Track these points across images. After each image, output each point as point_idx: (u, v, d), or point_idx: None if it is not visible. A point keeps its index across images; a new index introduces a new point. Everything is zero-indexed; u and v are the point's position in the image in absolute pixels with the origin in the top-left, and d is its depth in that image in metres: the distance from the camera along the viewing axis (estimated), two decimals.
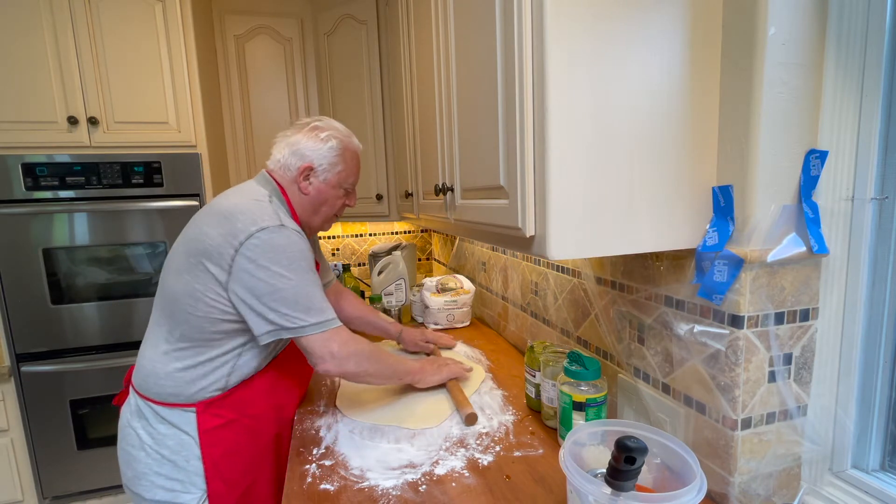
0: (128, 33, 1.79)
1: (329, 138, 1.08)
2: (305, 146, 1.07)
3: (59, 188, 1.79)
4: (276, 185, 1.07)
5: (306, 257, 0.97)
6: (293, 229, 0.97)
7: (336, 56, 2.15)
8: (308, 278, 0.97)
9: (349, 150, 1.12)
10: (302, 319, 0.95)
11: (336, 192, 1.12)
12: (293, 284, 0.94)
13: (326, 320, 0.98)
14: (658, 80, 0.70)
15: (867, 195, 0.72)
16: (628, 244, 0.73)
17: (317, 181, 1.09)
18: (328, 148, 1.08)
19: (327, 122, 1.12)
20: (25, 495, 1.90)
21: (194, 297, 0.96)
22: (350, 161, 1.12)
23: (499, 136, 0.79)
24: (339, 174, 1.10)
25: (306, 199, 1.10)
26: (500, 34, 0.76)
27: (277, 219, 0.96)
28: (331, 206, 1.13)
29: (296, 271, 0.94)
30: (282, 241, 0.94)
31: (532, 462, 0.91)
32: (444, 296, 1.77)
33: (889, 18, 0.67)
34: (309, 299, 0.96)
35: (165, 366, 1.00)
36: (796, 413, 0.77)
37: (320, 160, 1.07)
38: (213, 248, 0.94)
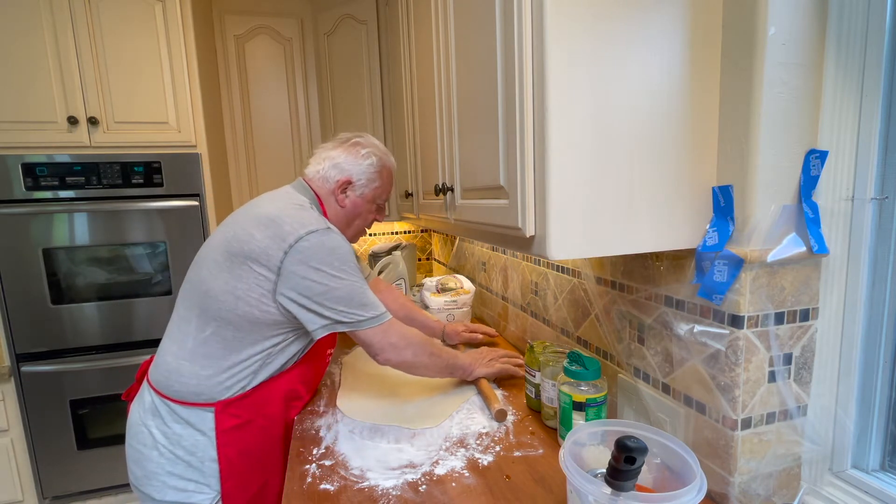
0: (128, 33, 1.79)
1: (369, 155, 1.13)
2: (346, 161, 1.12)
3: (59, 188, 1.79)
4: (315, 194, 1.12)
5: (353, 259, 1.02)
6: (339, 234, 1.01)
7: (336, 56, 2.15)
8: (359, 276, 1.01)
9: (386, 168, 1.17)
10: (359, 315, 0.99)
11: (370, 206, 1.17)
12: (347, 283, 0.98)
13: (381, 314, 1.02)
14: (658, 79, 0.70)
15: (867, 195, 0.72)
16: (628, 244, 0.73)
17: (353, 195, 1.13)
18: (368, 164, 1.13)
19: (367, 139, 1.17)
20: (25, 495, 1.90)
21: (235, 296, 0.97)
22: (386, 178, 1.17)
23: (499, 136, 0.79)
24: (376, 190, 1.15)
25: (342, 211, 1.14)
26: (500, 34, 0.76)
27: (324, 222, 1.00)
28: (364, 219, 1.18)
29: (347, 271, 0.98)
30: (332, 243, 0.97)
31: (532, 462, 0.91)
32: (444, 296, 1.77)
33: (889, 18, 0.67)
34: (363, 296, 1.00)
35: (192, 364, 1.00)
36: (796, 413, 0.77)
37: (359, 175, 1.12)
38: (261, 250, 0.95)
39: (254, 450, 1.05)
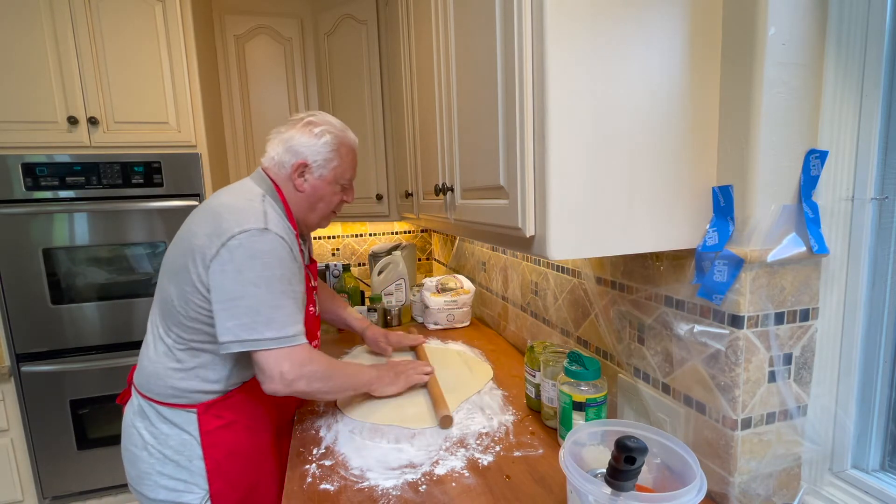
0: (128, 33, 1.79)
1: (323, 133, 1.05)
2: (299, 142, 1.04)
3: (59, 188, 1.79)
4: (272, 183, 1.05)
5: (284, 265, 0.94)
6: (276, 234, 0.93)
7: (336, 56, 2.15)
8: (279, 289, 0.92)
9: (345, 145, 1.09)
10: (259, 332, 0.90)
11: (332, 188, 1.09)
12: (260, 294, 0.90)
13: (286, 336, 0.92)
14: (658, 80, 0.70)
15: (867, 195, 0.72)
16: (628, 244, 0.73)
17: (312, 178, 1.06)
18: (322, 143, 1.05)
19: (322, 116, 1.09)
20: (25, 495, 1.90)
21: (184, 300, 0.95)
22: (346, 156, 1.09)
23: (499, 136, 0.79)
24: (335, 170, 1.08)
25: (302, 196, 1.07)
26: (500, 34, 0.76)
27: (262, 221, 0.93)
28: (327, 202, 1.10)
29: (267, 280, 0.91)
30: (260, 245, 0.91)
31: (532, 462, 0.91)
32: (444, 296, 1.77)
33: (889, 18, 0.67)
34: (273, 311, 0.91)
35: (165, 368, 1.00)
36: (796, 413, 0.77)
37: (315, 156, 1.05)
38: (199, 247, 0.92)
39: (241, 451, 1.04)
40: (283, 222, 0.99)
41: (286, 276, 0.94)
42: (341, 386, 1.04)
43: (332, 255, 2.72)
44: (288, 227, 1.00)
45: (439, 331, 1.77)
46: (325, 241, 2.70)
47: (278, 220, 0.97)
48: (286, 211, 1.05)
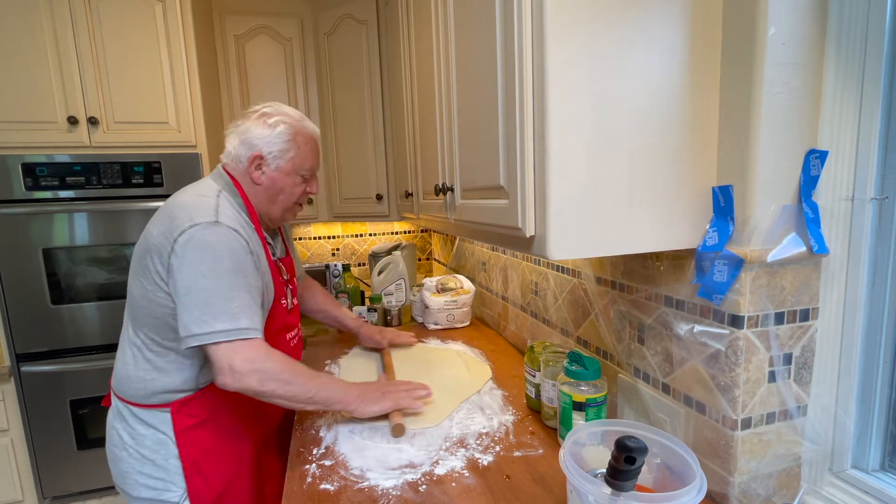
0: (128, 33, 1.79)
1: (277, 123, 1.03)
2: (254, 134, 1.02)
3: (59, 188, 1.79)
4: (229, 179, 1.04)
5: (237, 258, 0.92)
6: (229, 227, 0.92)
7: (336, 56, 2.15)
8: (230, 281, 0.90)
9: (301, 135, 1.06)
10: (210, 325, 0.88)
11: (291, 179, 1.06)
12: (210, 286, 0.89)
13: (237, 328, 0.89)
14: (658, 80, 0.70)
15: (867, 195, 0.72)
16: (628, 244, 0.73)
17: (269, 170, 1.04)
18: (277, 134, 1.03)
19: (277, 107, 1.07)
20: (25, 495, 1.90)
21: (147, 299, 0.96)
22: (303, 146, 1.06)
23: (499, 136, 0.79)
24: (293, 160, 1.05)
25: (260, 189, 1.05)
26: (499, 34, 0.76)
27: (213, 215, 0.92)
28: (288, 194, 1.07)
29: (217, 272, 0.89)
30: (210, 238, 0.90)
31: (532, 462, 0.91)
32: (444, 296, 1.77)
33: (889, 19, 0.67)
34: (224, 303, 0.89)
35: (136, 369, 1.01)
36: (796, 413, 0.77)
37: (269, 147, 1.03)
38: (155, 246, 0.93)
39: (217, 448, 1.04)
40: (238, 216, 0.98)
41: (239, 269, 0.92)
42: (304, 394, 0.95)
43: (332, 255, 2.72)
44: (245, 222, 1.00)
45: (439, 331, 1.77)
46: (325, 241, 2.70)
47: (232, 213, 0.97)
48: (246, 205, 1.04)
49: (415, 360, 1.45)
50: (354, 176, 2.21)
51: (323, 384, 0.99)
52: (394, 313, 1.91)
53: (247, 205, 1.04)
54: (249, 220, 1.03)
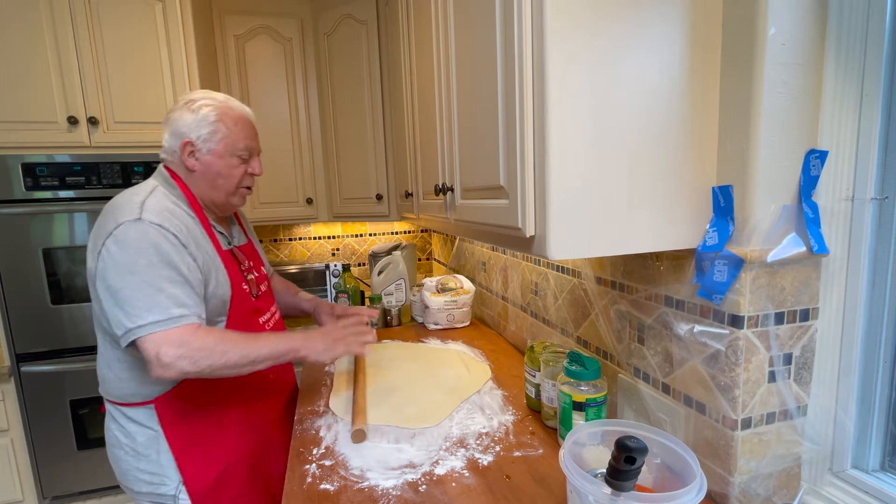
0: (128, 33, 1.79)
1: (201, 107, 1.02)
2: (181, 122, 1.02)
3: (59, 188, 1.79)
4: (167, 173, 1.05)
5: (162, 251, 0.92)
6: (151, 222, 0.92)
7: (336, 56, 2.15)
8: (156, 273, 0.91)
9: (229, 116, 1.05)
10: (142, 318, 0.89)
11: (227, 161, 1.05)
12: (136, 281, 0.89)
13: (169, 318, 0.90)
14: (658, 80, 0.70)
15: (867, 195, 0.72)
16: (628, 244, 0.73)
17: (201, 154, 1.03)
18: (202, 117, 1.02)
19: (201, 92, 1.07)
20: (25, 495, 1.90)
21: (99, 303, 0.96)
22: (233, 126, 1.05)
23: (499, 136, 0.79)
24: (224, 141, 1.04)
25: (197, 176, 1.05)
26: (500, 34, 0.76)
27: (137, 212, 0.93)
28: (228, 177, 1.06)
29: (142, 267, 0.90)
30: (133, 234, 0.91)
31: (532, 462, 0.91)
32: (444, 296, 1.77)
33: (889, 19, 0.67)
34: (152, 295, 0.90)
35: (111, 370, 1.02)
36: (796, 413, 0.77)
37: (197, 131, 1.02)
38: (91, 250, 0.95)
39: (206, 437, 1.06)
40: (175, 209, 0.98)
41: (165, 261, 0.92)
42: (245, 358, 0.95)
43: (332, 255, 2.72)
44: (184, 213, 1.00)
45: (439, 331, 1.77)
46: (326, 241, 2.70)
47: (160, 208, 0.96)
48: (186, 196, 1.04)
49: (415, 360, 1.45)
50: (354, 176, 2.21)
51: (263, 342, 0.99)
52: (394, 313, 1.91)
53: (187, 195, 1.04)
54: (191, 211, 1.03)
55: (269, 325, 1.18)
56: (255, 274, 1.18)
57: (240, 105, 1.09)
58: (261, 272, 1.22)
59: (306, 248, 2.69)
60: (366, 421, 1.04)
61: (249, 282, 1.13)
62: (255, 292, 1.15)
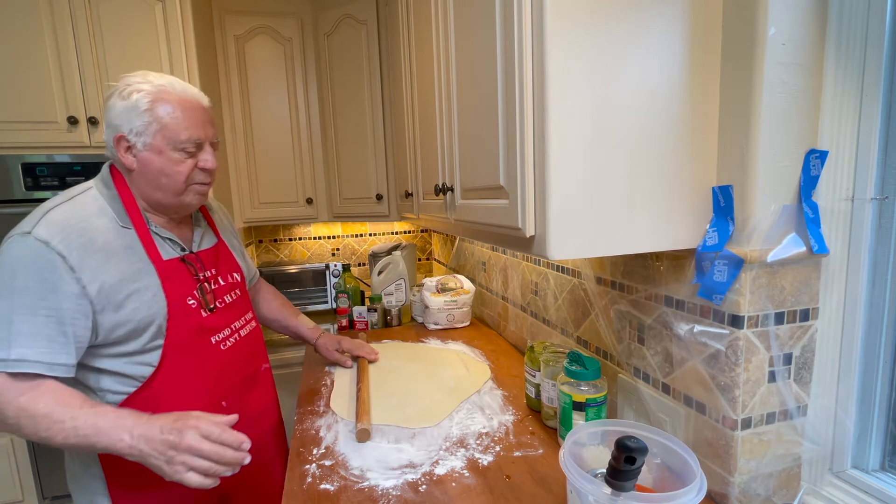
0: (128, 33, 1.79)
1: (132, 94, 0.85)
2: (113, 112, 0.87)
3: (59, 188, 1.79)
4: (108, 170, 0.92)
5: (35, 275, 0.78)
6: (38, 238, 0.79)
7: (336, 56, 2.15)
8: (18, 301, 0.77)
9: (164, 102, 0.87)
10: None
11: (168, 156, 0.88)
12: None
13: (7, 360, 0.76)
14: (658, 80, 0.70)
15: (867, 195, 0.72)
16: (628, 244, 0.73)
17: (137, 150, 0.88)
18: (132, 106, 0.85)
19: (141, 74, 0.89)
20: (25, 495, 1.90)
21: None
22: (171, 114, 0.87)
23: (499, 136, 0.79)
24: (161, 133, 0.87)
25: (136, 175, 0.90)
26: (500, 34, 0.76)
27: (32, 224, 0.81)
28: (172, 175, 0.89)
29: (6, 291, 0.78)
30: (11, 252, 0.79)
31: (532, 462, 0.91)
32: (444, 296, 1.77)
33: (889, 19, 0.67)
34: (4, 327, 0.77)
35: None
36: (796, 413, 0.77)
37: (129, 123, 0.86)
38: None
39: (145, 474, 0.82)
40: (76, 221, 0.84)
41: (35, 290, 0.78)
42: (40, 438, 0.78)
43: (332, 255, 2.72)
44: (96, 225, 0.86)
45: (439, 331, 1.77)
46: (326, 241, 2.70)
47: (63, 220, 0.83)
48: (122, 197, 0.90)
49: (415, 360, 1.46)
50: (354, 176, 2.21)
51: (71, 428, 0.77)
52: (394, 313, 1.91)
53: (123, 198, 0.90)
54: (123, 218, 0.89)
55: (227, 343, 1.00)
56: (219, 283, 1.02)
57: (182, 87, 0.91)
58: (230, 279, 1.06)
59: (306, 248, 2.69)
60: (370, 420, 1.04)
61: (204, 293, 0.97)
62: (212, 305, 0.98)
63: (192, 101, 0.91)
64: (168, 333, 0.90)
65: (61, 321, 0.79)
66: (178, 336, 0.91)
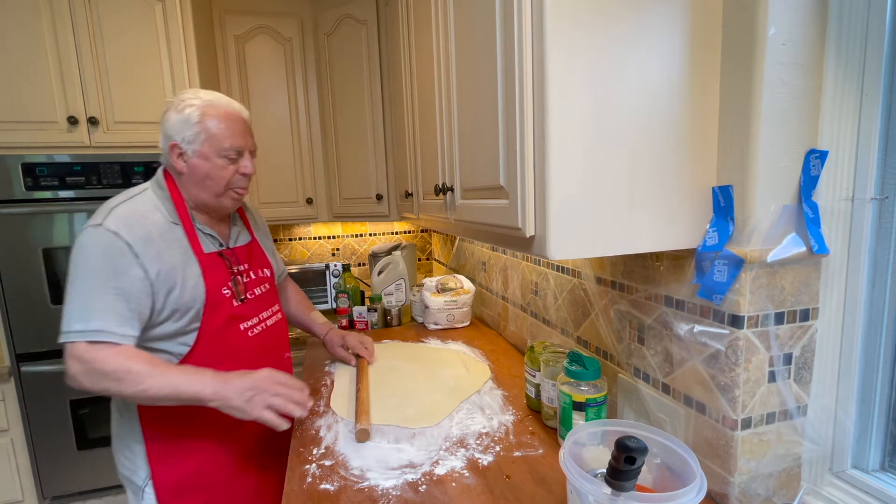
0: (128, 33, 1.79)
1: (185, 108, 1.01)
2: (168, 124, 1.02)
3: (59, 188, 1.79)
4: (162, 175, 1.06)
5: (109, 260, 0.92)
6: (108, 229, 0.93)
7: (336, 56, 2.15)
8: (94, 283, 0.91)
9: (211, 116, 1.02)
10: (68, 324, 0.91)
11: (213, 162, 1.02)
12: (75, 287, 0.92)
13: (87, 330, 0.90)
14: (658, 80, 0.70)
15: (867, 195, 0.72)
16: (628, 244, 0.73)
17: (188, 157, 1.02)
18: (184, 118, 1.01)
19: (190, 91, 1.05)
20: (25, 495, 1.90)
21: None
22: (217, 126, 1.02)
23: (499, 136, 0.79)
24: (208, 143, 1.01)
25: (185, 178, 1.04)
26: (499, 34, 0.76)
27: (102, 217, 0.94)
28: (216, 178, 1.03)
29: (83, 275, 0.92)
30: (86, 240, 0.93)
31: (532, 462, 0.91)
32: (444, 296, 1.77)
33: (889, 19, 0.67)
34: (83, 304, 0.91)
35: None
36: (796, 413, 0.77)
37: (182, 133, 1.01)
38: None
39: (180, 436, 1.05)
40: (139, 216, 0.97)
41: (104, 271, 0.92)
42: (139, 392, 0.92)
43: (332, 255, 2.72)
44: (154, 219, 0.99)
45: (439, 331, 1.77)
46: (325, 241, 2.70)
47: (128, 214, 0.96)
48: (173, 199, 1.03)
49: (415, 360, 1.45)
50: (354, 176, 2.21)
51: (169, 382, 0.93)
52: (394, 313, 1.91)
53: (173, 198, 1.03)
54: (174, 215, 1.02)
55: (254, 331, 1.13)
56: (251, 276, 1.15)
57: (227, 102, 1.05)
58: (260, 274, 1.19)
59: (306, 248, 2.69)
60: (370, 420, 1.04)
61: (238, 285, 1.10)
62: (243, 296, 1.11)
63: (234, 114, 1.05)
64: (203, 318, 1.03)
65: (128, 299, 0.93)
66: (211, 320, 1.04)
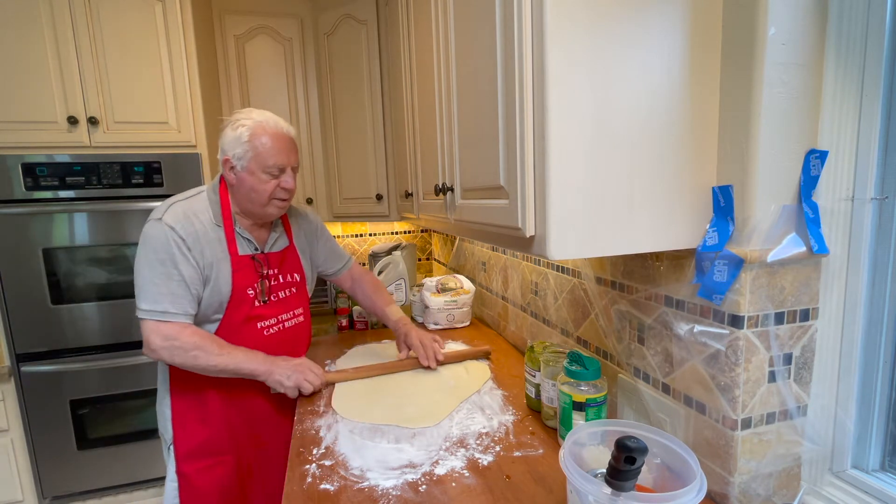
0: (128, 33, 1.79)
1: (238, 127, 1.13)
2: (224, 140, 1.14)
3: (59, 188, 1.79)
4: (218, 181, 1.20)
5: (167, 250, 1.09)
6: (166, 223, 1.09)
7: (336, 56, 2.15)
8: (158, 270, 1.08)
9: (260, 136, 1.13)
10: (140, 303, 1.09)
11: (258, 177, 1.14)
12: (142, 271, 1.09)
13: (156, 310, 1.08)
14: (658, 80, 0.70)
15: (867, 195, 0.72)
16: (628, 244, 0.73)
17: (237, 171, 1.15)
18: (237, 137, 1.12)
19: (245, 112, 1.17)
20: (25, 495, 1.90)
21: None
22: (264, 145, 1.13)
23: (499, 136, 0.79)
24: (255, 160, 1.13)
25: (235, 188, 1.17)
26: (500, 34, 0.76)
27: (161, 213, 1.11)
28: (260, 191, 1.15)
29: (149, 262, 1.09)
30: (149, 231, 1.10)
31: (532, 462, 0.91)
32: (444, 296, 1.77)
33: (889, 19, 0.67)
34: (149, 287, 1.08)
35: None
36: (796, 413, 0.77)
37: (233, 150, 1.13)
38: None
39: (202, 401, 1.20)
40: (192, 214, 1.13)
41: (168, 260, 1.09)
42: (210, 366, 1.11)
43: None
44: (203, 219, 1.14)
45: (439, 331, 1.77)
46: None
47: (183, 212, 1.13)
48: (222, 204, 1.18)
49: None
50: (354, 176, 2.21)
51: (234, 359, 1.13)
52: None
53: (223, 203, 1.18)
54: (219, 218, 1.17)
55: (270, 331, 1.25)
56: (279, 280, 1.27)
57: (275, 122, 1.16)
58: (289, 278, 1.30)
59: None
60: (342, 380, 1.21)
61: (263, 287, 1.23)
62: (266, 298, 1.24)
63: (281, 134, 1.16)
64: (227, 312, 1.18)
65: (187, 284, 1.11)
66: (233, 315, 1.19)
